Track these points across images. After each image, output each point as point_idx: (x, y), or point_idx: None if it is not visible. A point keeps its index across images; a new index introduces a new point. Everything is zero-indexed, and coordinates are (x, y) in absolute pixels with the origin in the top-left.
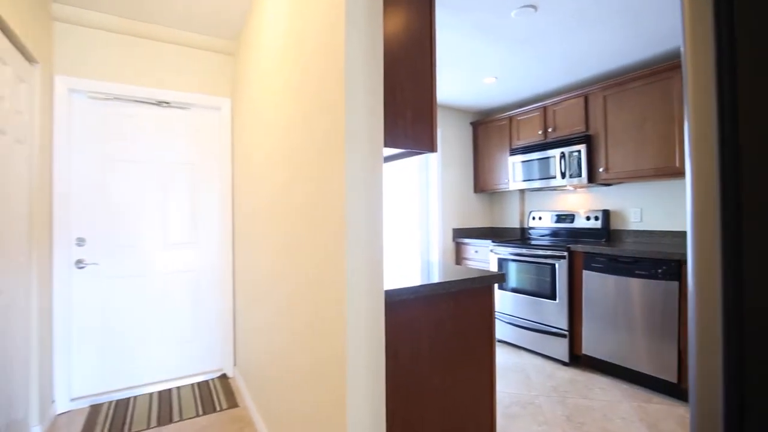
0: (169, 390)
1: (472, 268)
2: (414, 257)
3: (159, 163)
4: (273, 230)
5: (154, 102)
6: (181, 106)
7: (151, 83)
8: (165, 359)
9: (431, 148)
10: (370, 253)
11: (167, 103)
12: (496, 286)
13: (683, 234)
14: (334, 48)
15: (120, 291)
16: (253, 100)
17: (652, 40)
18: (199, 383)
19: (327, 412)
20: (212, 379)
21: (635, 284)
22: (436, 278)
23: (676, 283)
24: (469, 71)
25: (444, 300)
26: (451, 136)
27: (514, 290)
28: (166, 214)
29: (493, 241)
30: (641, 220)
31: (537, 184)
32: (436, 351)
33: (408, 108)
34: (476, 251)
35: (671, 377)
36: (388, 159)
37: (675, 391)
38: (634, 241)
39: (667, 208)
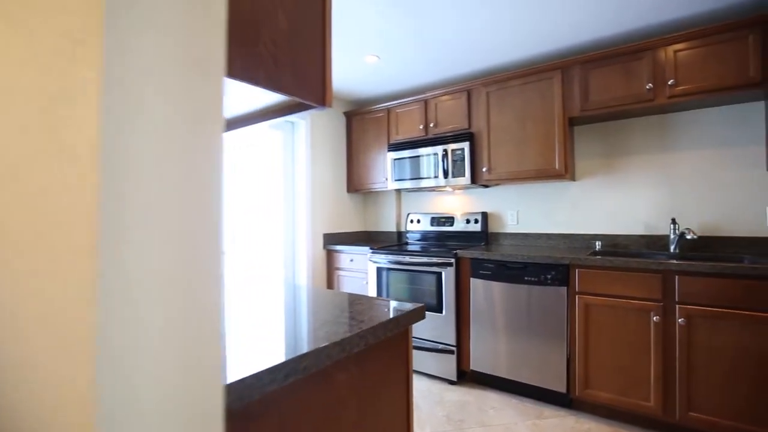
0: None
1: (373, 302)
2: (275, 277)
3: None
4: None
5: None
6: None
7: None
8: None
9: (321, 96)
10: (187, 318)
11: None
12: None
13: (557, 236)
14: None
15: None
16: None
17: (544, 34)
18: None
19: None
20: None
21: (524, 291)
22: (306, 326)
23: (564, 289)
24: (350, 46)
25: (344, 368)
26: (321, 126)
27: None
28: None
29: (371, 248)
30: (517, 223)
31: (417, 184)
32: None
33: (279, 8)
34: (351, 260)
35: (560, 387)
36: (237, 123)
37: (563, 400)
38: (511, 243)
39: (541, 209)
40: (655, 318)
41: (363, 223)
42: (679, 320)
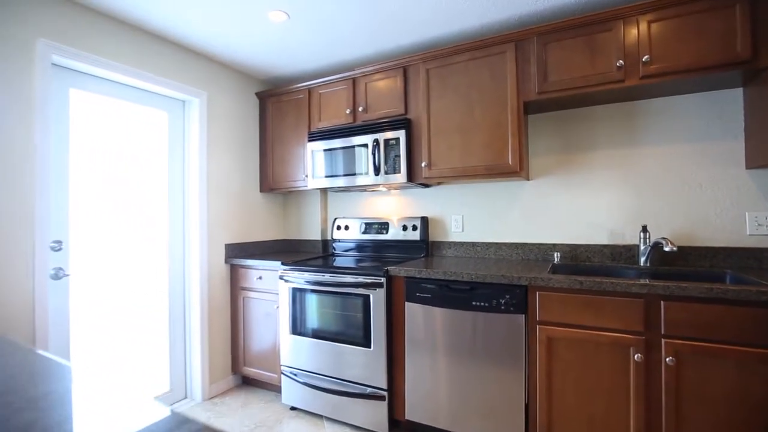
0: None
1: None
2: (156, 302)
3: None
4: None
5: None
6: None
7: None
8: None
9: None
10: None
11: None
12: (288, 329)
13: (509, 246)
14: None
15: None
16: None
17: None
18: None
19: None
20: None
21: (472, 319)
22: None
23: (521, 317)
24: None
25: None
26: (225, 108)
27: (316, 335)
28: None
29: (283, 263)
30: (462, 230)
31: (343, 182)
32: None
33: None
34: (260, 277)
35: None
36: None
37: None
38: (456, 255)
39: (490, 214)
40: (636, 356)
41: (282, 231)
42: (667, 359)
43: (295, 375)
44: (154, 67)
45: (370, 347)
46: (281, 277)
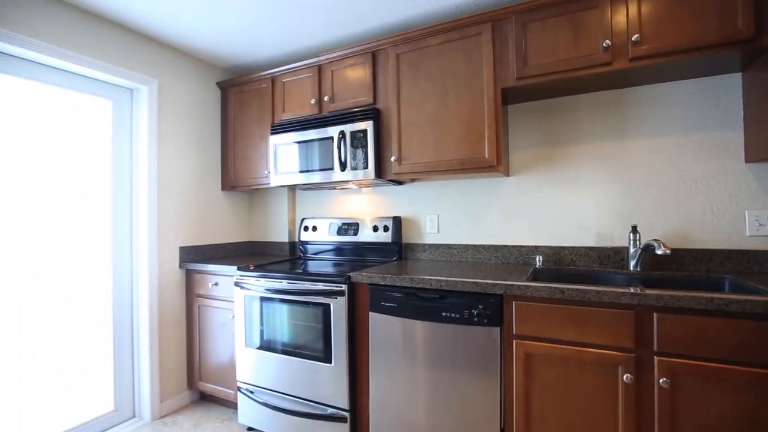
0: None
1: None
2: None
3: None
4: None
5: None
6: None
7: None
8: None
9: None
10: None
11: None
12: (244, 341)
13: (487, 248)
14: None
15: None
16: None
17: None
18: None
19: None
20: None
21: (443, 332)
22: None
23: (497, 330)
24: None
25: None
26: (180, 99)
27: (274, 348)
28: None
29: (239, 268)
30: (438, 231)
31: (307, 178)
32: None
33: None
34: (216, 283)
35: None
36: None
37: None
38: (430, 258)
39: (468, 214)
40: (625, 376)
41: (248, 232)
42: (660, 380)
43: (252, 392)
44: (93, 50)
45: (331, 363)
46: (237, 284)
